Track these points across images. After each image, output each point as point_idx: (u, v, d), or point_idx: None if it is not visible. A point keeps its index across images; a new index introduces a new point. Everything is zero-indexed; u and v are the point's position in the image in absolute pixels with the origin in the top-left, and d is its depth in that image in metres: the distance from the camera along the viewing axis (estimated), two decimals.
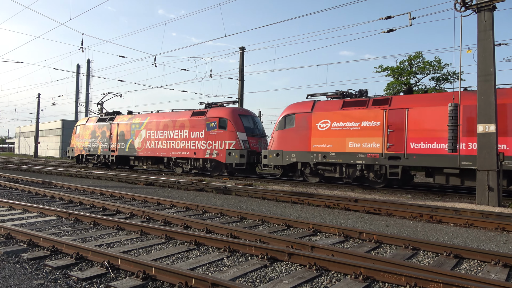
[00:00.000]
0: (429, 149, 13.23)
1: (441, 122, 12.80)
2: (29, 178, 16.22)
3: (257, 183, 16.56)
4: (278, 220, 7.72)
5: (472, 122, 12.15)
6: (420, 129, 13.48)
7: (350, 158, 14.90)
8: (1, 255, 5.10)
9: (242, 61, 29.50)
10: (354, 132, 14.83)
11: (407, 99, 14.45)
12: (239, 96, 29.36)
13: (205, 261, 5.01)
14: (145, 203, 10.21)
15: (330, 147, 15.40)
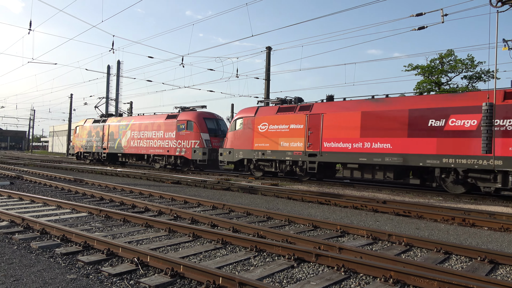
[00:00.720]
0: (337, 147, 15.72)
1: (347, 125, 15.42)
2: (62, 175, 16.80)
3: (283, 183, 16.51)
4: (305, 220, 7.65)
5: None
6: (331, 131, 15.99)
7: (282, 155, 17.49)
8: (37, 249, 5.30)
9: (268, 61, 29.46)
10: (285, 134, 17.43)
11: (324, 105, 16.84)
12: (265, 96, 29.35)
13: (232, 260, 5.02)
14: (172, 201, 10.36)
15: (267, 146, 18.06)
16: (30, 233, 6.16)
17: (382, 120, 14.64)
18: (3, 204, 8.94)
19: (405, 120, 14.08)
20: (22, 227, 6.56)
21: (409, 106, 14.28)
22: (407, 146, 13.93)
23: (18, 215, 7.01)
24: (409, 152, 13.85)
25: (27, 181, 14.98)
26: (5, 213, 7.24)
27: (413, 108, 14.10)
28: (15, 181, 14.64)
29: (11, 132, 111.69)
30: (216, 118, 23.87)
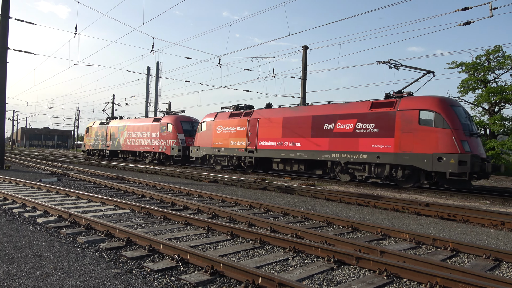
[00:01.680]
0: (268, 145, 19.57)
1: (274, 128, 19.28)
2: (105, 173, 17.46)
3: (320, 183, 16.31)
4: (344, 222, 7.50)
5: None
6: (264, 132, 19.77)
7: (231, 152, 21.53)
8: (83, 244, 5.51)
9: (305, 60, 29.23)
10: (233, 134, 21.45)
11: (261, 112, 20.58)
12: (301, 95, 29.13)
13: (270, 260, 5.00)
14: (210, 199, 10.49)
15: (222, 144, 22.15)
16: (77, 228, 6.43)
17: (296, 124, 18.33)
18: (51, 200, 9.40)
19: (309, 124, 17.69)
20: (69, 222, 6.86)
21: (312, 113, 17.79)
22: (310, 144, 17.56)
23: (65, 210, 7.34)
24: (312, 149, 17.46)
25: (72, 178, 15.70)
26: (54, 208, 7.61)
27: (314, 114, 17.62)
28: (62, 178, 15.39)
29: (58, 131, 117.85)
30: (192, 121, 28.01)
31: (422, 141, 13.96)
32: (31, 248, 5.16)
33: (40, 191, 11.02)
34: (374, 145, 15.27)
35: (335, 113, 16.81)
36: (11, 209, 8.10)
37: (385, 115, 15.03)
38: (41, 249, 5.15)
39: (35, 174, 17.22)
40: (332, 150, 16.60)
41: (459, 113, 14.14)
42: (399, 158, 14.51)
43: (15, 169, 19.62)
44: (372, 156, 15.27)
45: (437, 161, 13.49)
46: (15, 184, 12.72)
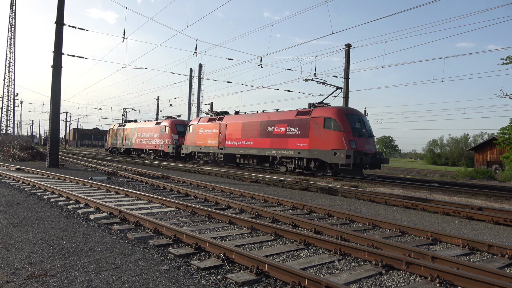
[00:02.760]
0: (232, 144, 24.47)
1: (236, 130, 24.19)
2: (150, 171, 18.06)
3: (364, 184, 15.91)
4: (391, 225, 7.26)
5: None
6: (230, 134, 24.75)
7: (208, 149, 26.62)
8: (133, 240, 5.72)
9: (347, 59, 28.66)
10: (210, 135, 26.53)
11: (229, 117, 25.73)
12: (344, 95, 28.59)
13: (315, 262, 4.93)
14: (252, 199, 10.54)
15: (202, 143, 27.28)
16: (126, 225, 6.68)
17: (250, 127, 23.28)
18: (102, 197, 9.84)
19: (258, 127, 22.66)
20: (119, 218, 7.15)
21: (260, 119, 22.77)
22: (259, 143, 22.46)
23: (115, 207, 7.66)
24: (259, 147, 22.39)
25: (121, 176, 16.36)
26: (105, 206, 7.96)
27: (261, 120, 22.61)
28: (111, 176, 16.08)
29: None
30: (185, 124, 32.91)
31: (325, 141, 18.60)
32: (85, 243, 5.42)
33: (92, 189, 11.58)
34: (297, 144, 20.06)
35: (274, 119, 21.78)
36: (66, 205, 8.57)
37: (304, 121, 19.81)
38: (94, 244, 5.40)
39: (86, 172, 18.13)
40: (272, 148, 21.63)
41: (351, 119, 18.48)
42: (311, 153, 19.21)
43: (68, 168, 20.76)
44: (296, 152, 20.11)
45: (334, 155, 18.15)
46: (68, 182, 13.45)
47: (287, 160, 20.98)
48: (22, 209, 8.01)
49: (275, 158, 21.65)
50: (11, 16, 68.27)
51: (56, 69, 20.61)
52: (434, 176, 28.22)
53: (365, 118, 19.82)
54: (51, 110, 20.78)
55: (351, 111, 19.42)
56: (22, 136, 67.51)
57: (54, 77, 20.63)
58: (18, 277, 4.06)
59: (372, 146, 18.85)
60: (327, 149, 18.37)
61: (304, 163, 19.82)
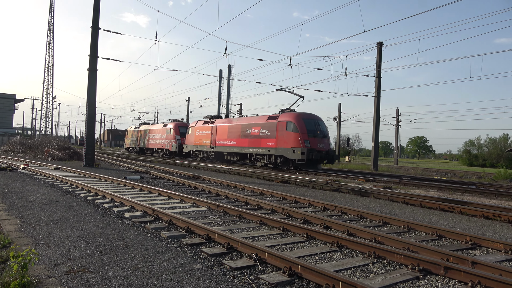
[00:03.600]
0: (221, 144, 28.33)
1: (223, 132, 28.18)
2: (182, 171, 18.35)
3: (397, 186, 15.53)
4: (427, 228, 7.03)
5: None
6: (219, 135, 28.62)
7: (203, 148, 30.79)
8: (166, 239, 5.82)
9: (379, 57, 28.08)
10: (204, 136, 30.70)
11: (219, 121, 29.71)
12: (375, 94, 28.01)
13: (349, 264, 4.84)
14: (283, 200, 10.49)
15: (198, 143, 31.56)
16: (160, 223, 6.81)
17: (234, 130, 27.29)
18: (136, 196, 10.09)
19: (240, 129, 26.60)
20: (152, 217, 7.30)
21: (241, 122, 26.80)
22: (240, 143, 26.37)
23: (149, 206, 7.82)
24: (241, 146, 26.26)
25: (153, 176, 16.72)
26: (139, 204, 8.15)
27: (242, 123, 26.54)
28: (144, 176, 16.47)
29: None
30: (187, 126, 36.52)
31: (287, 140, 22.43)
32: (121, 241, 5.57)
33: (126, 188, 11.89)
34: (267, 143, 23.91)
35: (251, 123, 25.82)
36: (102, 203, 8.84)
37: (272, 124, 23.72)
38: (129, 241, 5.53)
39: (120, 172, 18.66)
40: (250, 147, 25.50)
41: (307, 123, 22.40)
42: (278, 151, 23.10)
43: (103, 167, 21.44)
44: (266, 150, 23.96)
45: (293, 152, 21.87)
46: (104, 181, 13.88)
47: (260, 156, 25.04)
48: (61, 206, 8.32)
49: (252, 155, 25.84)
50: (50, 22, 71.33)
51: (92, 72, 21.34)
52: (471, 178, 27.14)
53: (321, 122, 23.46)
54: (87, 112, 21.53)
55: (308, 116, 23.13)
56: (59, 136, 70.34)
57: (90, 80, 21.37)
58: (59, 272, 4.21)
59: (325, 145, 22.66)
60: (288, 147, 22.34)
61: (273, 159, 23.88)
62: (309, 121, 22.63)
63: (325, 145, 22.54)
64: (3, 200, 8.99)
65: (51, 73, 72.75)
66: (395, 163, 50.32)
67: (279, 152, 22.85)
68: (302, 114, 23.08)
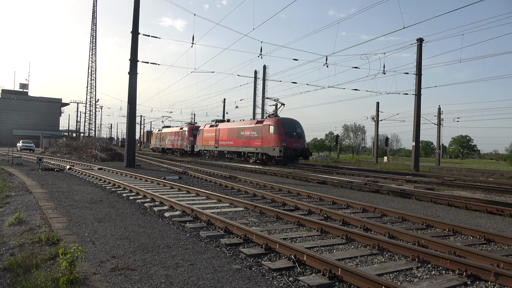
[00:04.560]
0: (222, 144, 33.17)
1: (224, 134, 32.90)
2: (218, 172, 18.57)
3: (440, 187, 14.92)
4: (474, 232, 6.69)
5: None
6: (221, 136, 33.52)
7: (209, 147, 35.69)
8: (205, 238, 5.89)
9: (419, 54, 27.13)
10: (210, 137, 35.58)
11: (221, 124, 34.51)
12: (416, 92, 27.10)
13: (391, 268, 4.69)
14: (320, 201, 10.35)
15: (206, 143, 36.47)
16: (198, 223, 6.91)
17: (231, 132, 31.82)
18: (175, 196, 10.30)
19: (236, 132, 31.04)
20: (191, 217, 7.42)
21: (237, 126, 31.39)
22: (236, 143, 30.84)
23: (188, 206, 7.96)
24: (237, 145, 30.72)
25: (191, 176, 17.03)
26: (178, 204, 8.31)
27: (238, 126, 31.13)
28: (182, 176, 16.80)
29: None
30: (197, 128, 41.27)
31: (269, 140, 26.82)
32: (161, 239, 5.70)
33: (165, 188, 12.18)
34: (255, 143, 28.40)
35: (244, 126, 30.51)
36: (143, 203, 9.10)
37: (259, 127, 28.15)
38: (170, 241, 5.64)
39: (159, 172, 19.15)
40: (243, 146, 30.13)
41: (285, 126, 26.58)
42: (263, 149, 27.50)
43: (143, 168, 22.09)
44: (255, 149, 28.50)
45: (273, 150, 26.26)
46: (144, 181, 14.29)
47: (251, 154, 29.58)
48: (105, 205, 8.65)
49: (244, 154, 30.53)
50: (93, 29, 74.50)
51: (132, 76, 22.05)
52: None
53: (298, 125, 27.72)
54: (128, 114, 22.28)
55: (286, 120, 27.59)
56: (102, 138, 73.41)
57: (130, 83, 22.10)
58: (104, 269, 4.36)
59: (300, 144, 26.80)
60: (270, 146, 26.82)
61: (260, 156, 28.32)
62: (287, 125, 27.00)
63: (300, 144, 26.75)
64: (51, 199, 9.46)
65: (94, 78, 75.97)
66: (437, 163, 48.43)
67: (264, 150, 27.43)
68: (282, 119, 27.54)
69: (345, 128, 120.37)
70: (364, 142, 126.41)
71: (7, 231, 6.96)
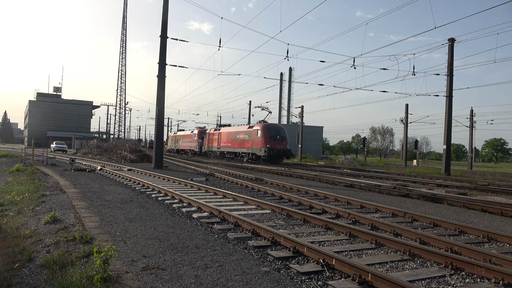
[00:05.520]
0: (223, 145, 38.91)
1: (225, 137, 38.77)
2: (244, 174, 18.65)
3: (473, 192, 14.42)
4: (510, 239, 6.43)
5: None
6: (223, 139, 39.26)
7: (213, 149, 41.50)
8: (233, 240, 5.93)
9: (451, 54, 26.35)
10: (214, 140, 41.38)
11: (223, 129, 40.45)
12: (447, 93, 26.34)
13: (423, 275, 4.57)
14: (348, 204, 10.22)
15: (210, 145, 42.49)
16: (226, 225, 6.96)
17: (230, 135, 37.43)
18: (202, 197, 10.42)
19: (233, 135, 36.67)
20: (219, 218, 7.49)
21: (234, 130, 37.31)
22: (233, 145, 36.37)
23: (215, 207, 8.04)
24: (234, 147, 36.33)
25: (217, 178, 17.18)
26: (206, 205, 8.41)
27: (234, 131, 36.99)
28: (209, 178, 16.98)
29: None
30: (204, 131, 47.02)
31: (258, 143, 31.76)
32: (190, 240, 5.78)
33: (193, 189, 12.34)
34: (247, 145, 33.62)
35: (238, 130, 36.07)
36: (171, 204, 9.26)
37: (250, 132, 33.32)
38: (198, 241, 5.72)
39: (186, 173, 19.42)
40: (237, 147, 35.68)
41: (270, 130, 31.71)
42: (252, 150, 32.58)
43: (171, 169, 22.47)
44: (246, 149, 33.76)
45: (259, 151, 31.32)
46: (172, 182, 14.53)
47: (244, 154, 35.22)
48: (135, 206, 8.85)
49: (239, 154, 36.37)
50: (123, 33, 76.47)
51: (160, 79, 22.50)
52: None
53: (281, 129, 33.09)
54: (156, 117, 22.72)
55: (271, 125, 33.37)
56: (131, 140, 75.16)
57: (159, 86, 22.55)
58: (135, 268, 4.47)
59: (283, 146, 31.90)
60: (257, 148, 32.02)
61: (250, 156, 33.71)
62: (272, 129, 32.37)
63: (283, 146, 31.95)
64: (84, 198, 9.77)
65: (123, 81, 77.93)
66: (469, 167, 46.83)
67: (253, 151, 32.82)
68: (268, 124, 33.28)
69: (372, 130, 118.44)
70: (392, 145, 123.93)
71: (43, 229, 7.24)
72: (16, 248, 6.57)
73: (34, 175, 16.75)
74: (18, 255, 6.23)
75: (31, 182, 14.39)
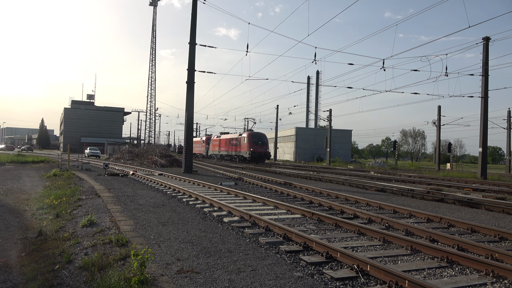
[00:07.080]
0: (222, 149, 49.61)
1: (224, 143, 49.04)
2: (273, 178, 18.63)
3: (511, 196, 13.80)
4: None
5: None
6: (222, 144, 49.96)
7: (215, 152, 52.80)
8: (264, 244, 5.93)
9: (486, 54, 25.43)
10: (216, 145, 52.26)
11: (223, 136, 51.56)
12: (482, 94, 25.41)
13: (463, 282, 4.42)
14: (380, 209, 10.01)
15: (214, 150, 53.75)
16: (257, 229, 6.98)
17: (227, 141, 47.43)
18: (232, 202, 10.49)
19: (229, 141, 46.73)
20: (250, 222, 7.51)
21: (229, 137, 47.72)
22: (229, 149, 46.45)
23: (246, 212, 8.07)
24: (229, 150, 46.42)
25: (246, 182, 17.25)
26: (236, 210, 8.46)
27: (229, 137, 47.23)
28: (238, 182, 17.07)
29: None
30: (210, 138, 56.72)
31: (244, 147, 41.37)
32: (222, 244, 5.82)
33: (222, 194, 12.45)
34: (237, 149, 42.88)
35: (232, 137, 45.19)
36: (202, 208, 9.37)
37: (239, 138, 42.75)
38: (230, 246, 5.75)
39: (216, 178, 19.61)
40: (231, 151, 44.68)
41: (253, 137, 40.85)
42: (241, 153, 42.06)
43: (200, 173, 22.75)
44: (237, 153, 42.91)
45: (245, 153, 40.71)
46: (202, 186, 14.71)
47: (235, 157, 43.27)
48: (167, 210, 9.02)
49: (232, 156, 44.67)
50: (152, 41, 78.42)
51: (190, 84, 22.88)
52: None
53: (263, 136, 42.14)
54: (185, 122, 23.10)
55: (255, 133, 41.88)
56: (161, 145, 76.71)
57: (188, 92, 22.93)
58: (170, 271, 4.55)
59: (264, 149, 40.37)
60: (244, 151, 40.61)
61: (240, 157, 41.52)
62: (255, 136, 40.93)
63: (263, 149, 40.49)
64: (118, 202, 10.05)
65: (153, 87, 79.79)
66: (506, 170, 44.85)
67: (241, 153, 41.66)
68: (253, 132, 42.23)
69: (403, 133, 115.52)
70: (424, 148, 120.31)
71: (81, 232, 7.50)
72: (56, 250, 6.83)
73: (70, 179, 17.38)
74: (58, 257, 6.47)
75: (67, 186, 14.94)
